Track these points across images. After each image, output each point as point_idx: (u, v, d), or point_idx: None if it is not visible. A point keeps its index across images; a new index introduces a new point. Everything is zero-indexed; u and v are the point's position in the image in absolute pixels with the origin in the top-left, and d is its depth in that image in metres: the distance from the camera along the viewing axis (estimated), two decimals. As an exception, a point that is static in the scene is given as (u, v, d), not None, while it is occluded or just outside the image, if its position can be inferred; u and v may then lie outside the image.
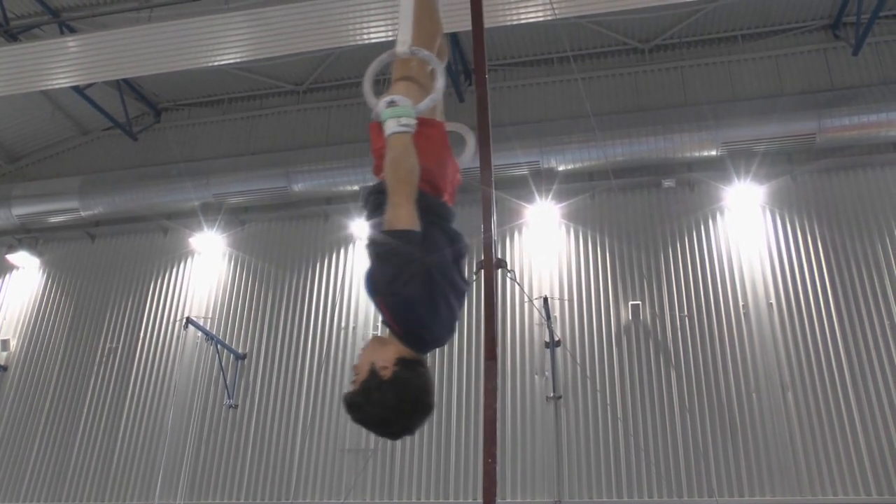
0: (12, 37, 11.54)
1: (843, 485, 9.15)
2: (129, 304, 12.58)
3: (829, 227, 10.55)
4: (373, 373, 2.53)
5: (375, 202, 2.87)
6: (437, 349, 2.96)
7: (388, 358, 2.55)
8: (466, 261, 2.98)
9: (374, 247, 2.64)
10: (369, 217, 2.94)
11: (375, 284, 2.56)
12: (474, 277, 8.75)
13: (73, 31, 11.68)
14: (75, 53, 10.86)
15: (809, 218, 10.69)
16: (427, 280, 2.55)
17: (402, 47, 3.10)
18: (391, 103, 2.75)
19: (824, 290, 10.19)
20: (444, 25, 3.65)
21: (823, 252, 10.42)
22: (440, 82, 2.98)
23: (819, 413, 9.56)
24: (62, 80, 11.33)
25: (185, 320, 11.42)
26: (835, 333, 9.92)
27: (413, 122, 2.74)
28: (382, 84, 3.10)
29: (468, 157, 3.47)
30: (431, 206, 2.80)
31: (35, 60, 10.89)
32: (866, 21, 10.91)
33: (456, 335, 10.72)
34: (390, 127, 2.71)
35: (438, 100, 3.06)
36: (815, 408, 9.60)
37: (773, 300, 10.29)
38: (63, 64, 10.99)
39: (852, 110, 10.55)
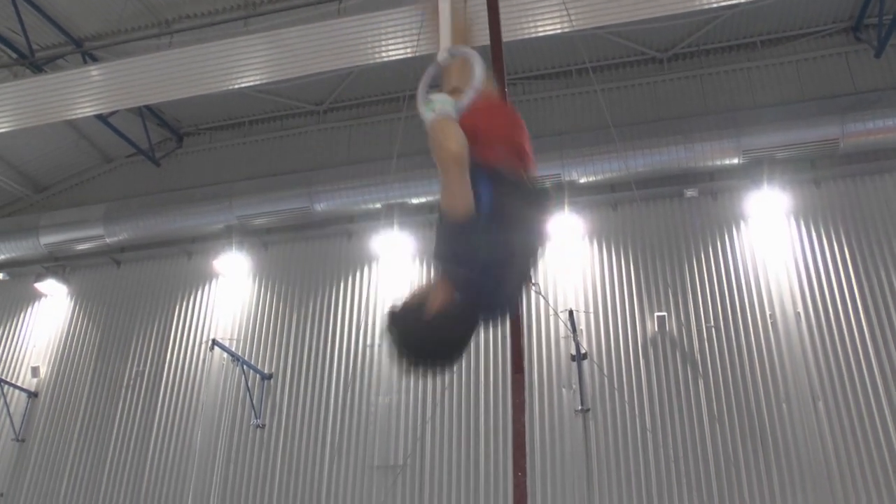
0: (38, 68, 11.73)
1: (879, 495, 8.97)
2: (155, 327, 12.68)
3: (856, 233, 10.42)
4: (424, 307, 2.74)
5: None
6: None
7: (436, 304, 2.73)
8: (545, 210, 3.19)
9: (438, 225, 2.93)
10: None
11: (437, 253, 2.91)
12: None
13: (95, 59, 11.86)
14: (98, 82, 10.99)
15: (835, 224, 10.57)
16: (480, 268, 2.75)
17: (442, 54, 3.25)
18: (429, 102, 2.86)
19: (853, 297, 10.05)
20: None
21: (850, 258, 10.29)
22: (478, 70, 3.02)
23: (851, 422, 9.40)
24: (86, 108, 11.46)
25: (210, 342, 11.49)
26: (865, 340, 9.77)
27: (449, 108, 2.83)
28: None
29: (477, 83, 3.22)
30: (504, 179, 2.93)
31: (60, 91, 11.02)
32: (888, 22, 10.80)
33: (482, 350, 10.74)
34: (428, 118, 2.82)
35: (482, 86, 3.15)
36: (846, 417, 9.44)
37: (800, 309, 10.16)
38: (87, 93, 11.12)
39: (876, 114, 10.43)
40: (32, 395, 12.69)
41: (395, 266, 11.86)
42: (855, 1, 11.31)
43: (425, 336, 2.73)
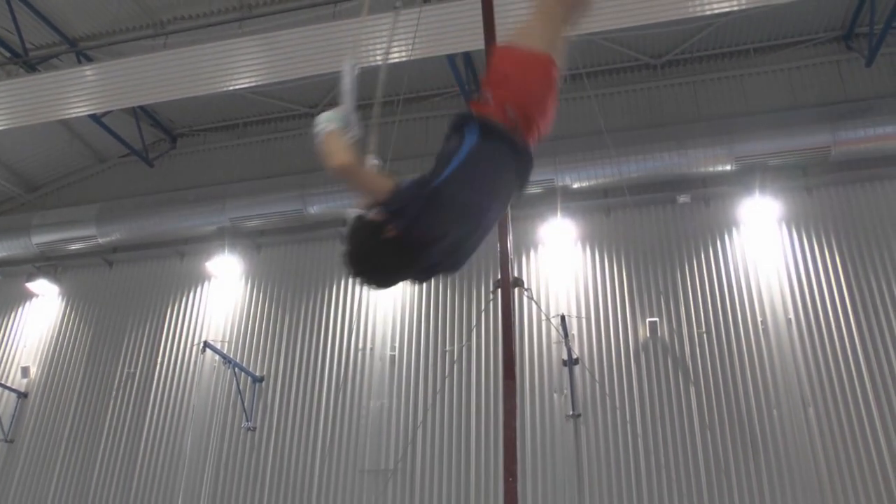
0: (31, 67, 11.71)
1: (868, 500, 9.00)
2: (147, 329, 12.64)
3: (847, 241, 10.47)
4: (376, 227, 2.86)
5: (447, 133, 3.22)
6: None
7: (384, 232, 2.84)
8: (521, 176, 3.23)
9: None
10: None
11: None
12: (491, 297, 8.76)
13: (90, 59, 11.84)
14: (92, 82, 10.99)
15: (826, 231, 10.61)
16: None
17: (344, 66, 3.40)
18: (317, 123, 3.07)
19: (843, 305, 10.09)
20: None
21: (841, 266, 10.33)
22: (343, 98, 3.20)
23: (841, 428, 9.44)
24: (80, 108, 11.46)
25: (202, 344, 11.45)
26: (855, 347, 9.81)
27: (333, 122, 3.05)
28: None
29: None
30: (496, 136, 3.06)
31: (54, 90, 11.03)
32: (879, 31, 10.87)
33: (474, 355, 10.72)
34: (318, 137, 3.04)
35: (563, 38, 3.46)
36: (836, 423, 9.48)
37: (791, 315, 10.20)
38: (81, 93, 11.12)
39: (867, 122, 10.50)
40: (22, 396, 12.63)
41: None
42: (846, 10, 11.39)
43: (367, 253, 2.87)
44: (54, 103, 11.27)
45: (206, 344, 11.34)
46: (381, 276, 2.99)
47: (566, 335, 10.48)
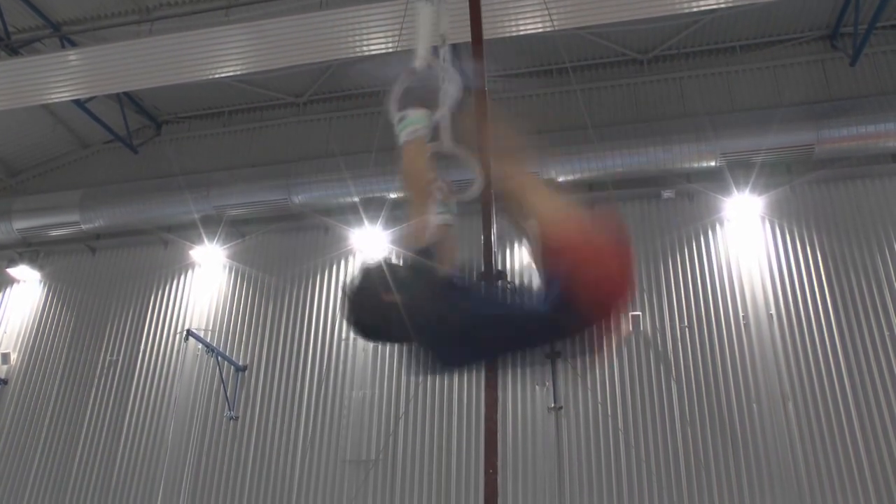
0: (13, 51, 11.59)
1: (844, 495, 9.12)
2: (130, 316, 12.58)
3: (829, 238, 10.56)
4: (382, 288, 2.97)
5: None
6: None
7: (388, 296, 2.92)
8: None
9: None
10: None
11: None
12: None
13: (73, 44, 11.73)
14: (76, 67, 10.90)
15: (808, 229, 10.70)
16: None
17: (419, 61, 3.34)
18: (403, 119, 2.89)
19: (824, 301, 10.19)
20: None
21: (823, 263, 10.42)
22: (452, 89, 3.18)
23: (819, 423, 9.54)
24: (63, 93, 11.37)
25: (185, 332, 11.41)
26: (835, 344, 9.91)
27: (422, 128, 2.88)
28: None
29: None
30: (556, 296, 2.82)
31: (36, 74, 10.93)
32: (864, 31, 10.96)
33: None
34: (401, 138, 2.86)
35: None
36: (815, 418, 9.58)
37: (773, 311, 10.29)
38: (64, 77, 11.03)
39: (850, 121, 10.56)
40: (2, 382, 12.55)
41: (372, 260, 11.86)
42: (832, 10, 11.46)
43: (367, 309, 2.85)
44: (37, 87, 11.19)
45: (190, 332, 11.29)
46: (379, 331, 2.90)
47: (549, 328, 10.50)
